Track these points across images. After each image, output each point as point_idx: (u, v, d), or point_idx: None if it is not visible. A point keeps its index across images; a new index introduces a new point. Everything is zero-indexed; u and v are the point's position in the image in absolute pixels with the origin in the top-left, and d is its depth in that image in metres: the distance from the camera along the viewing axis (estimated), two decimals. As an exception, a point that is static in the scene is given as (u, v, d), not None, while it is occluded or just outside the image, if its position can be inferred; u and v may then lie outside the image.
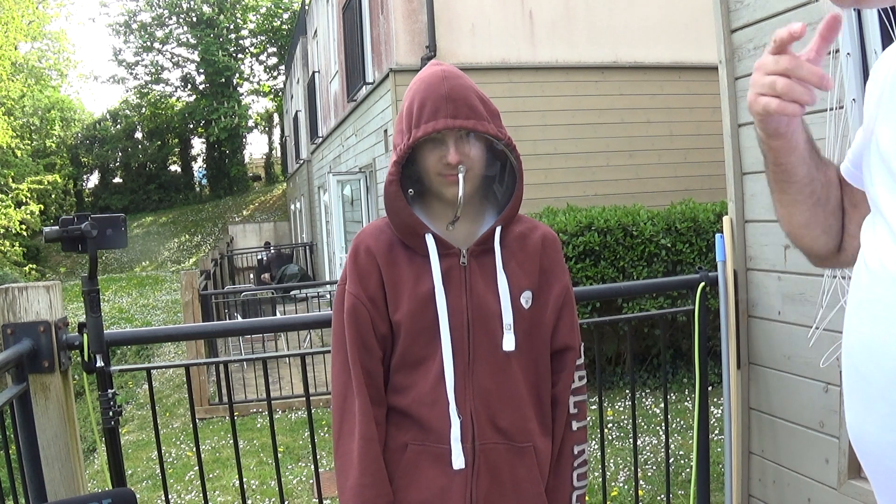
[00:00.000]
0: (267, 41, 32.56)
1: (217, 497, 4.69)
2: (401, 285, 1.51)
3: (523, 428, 1.52)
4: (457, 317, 1.49)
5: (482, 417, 1.49)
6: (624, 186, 7.66)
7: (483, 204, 1.60)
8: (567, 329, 1.59)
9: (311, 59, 16.42)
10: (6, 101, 24.54)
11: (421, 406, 1.49)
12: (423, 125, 1.47)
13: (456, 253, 1.53)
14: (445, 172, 1.49)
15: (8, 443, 2.06)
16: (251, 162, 34.79)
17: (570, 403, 1.58)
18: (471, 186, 1.52)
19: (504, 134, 1.52)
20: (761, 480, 2.72)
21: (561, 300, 1.58)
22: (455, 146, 1.48)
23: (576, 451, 1.59)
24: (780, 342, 2.57)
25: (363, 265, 1.53)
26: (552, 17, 7.88)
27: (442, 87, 1.49)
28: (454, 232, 1.55)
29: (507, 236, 1.56)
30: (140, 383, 9.74)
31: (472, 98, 1.50)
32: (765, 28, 2.52)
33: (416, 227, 1.52)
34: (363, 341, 1.51)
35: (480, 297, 1.51)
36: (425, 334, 1.49)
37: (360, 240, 1.57)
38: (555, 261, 1.60)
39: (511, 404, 1.51)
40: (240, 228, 23.50)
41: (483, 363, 1.50)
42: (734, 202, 2.73)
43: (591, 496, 4.05)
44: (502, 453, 1.51)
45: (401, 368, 1.52)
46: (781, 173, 1.08)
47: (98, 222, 1.96)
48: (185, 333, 3.52)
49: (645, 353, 6.16)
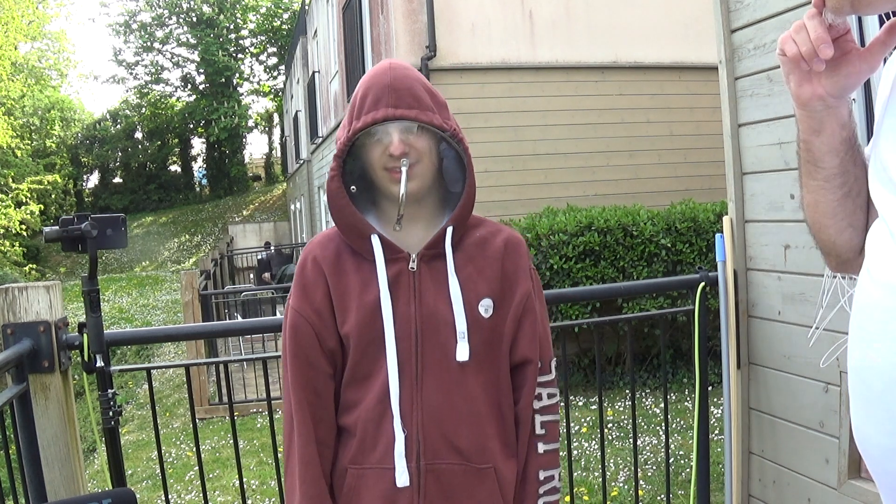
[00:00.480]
0: (267, 41, 32.56)
1: (217, 497, 4.69)
2: (348, 295, 1.42)
3: (482, 447, 1.41)
4: (404, 326, 1.39)
5: (433, 435, 1.38)
6: (624, 186, 7.66)
7: (439, 209, 1.49)
8: (527, 340, 1.46)
9: (311, 59, 16.43)
10: (6, 101, 24.54)
11: (367, 423, 1.40)
12: (364, 116, 1.38)
13: (405, 257, 1.42)
14: (389, 166, 1.40)
15: (8, 443, 2.06)
16: (251, 162, 34.79)
17: (535, 423, 1.46)
18: (419, 183, 1.42)
19: (450, 125, 1.42)
20: (761, 480, 2.72)
21: (521, 308, 1.46)
22: (399, 138, 1.38)
23: (542, 477, 1.46)
24: (780, 342, 2.57)
25: (309, 277, 1.44)
26: (552, 17, 7.88)
27: (385, 76, 1.40)
28: (406, 236, 1.45)
29: (465, 240, 1.46)
30: (140, 383, 9.75)
31: (417, 88, 1.41)
32: (765, 28, 2.52)
33: (360, 228, 1.42)
34: (306, 358, 1.41)
35: (431, 304, 1.40)
36: (374, 346, 1.40)
37: (308, 250, 1.48)
38: (518, 266, 1.48)
39: (468, 421, 1.40)
40: (240, 228, 23.49)
41: (433, 376, 1.39)
42: (734, 202, 2.73)
43: (592, 496, 4.05)
44: (458, 475, 1.39)
45: (350, 384, 1.43)
46: (807, 153, 1.02)
47: (98, 222, 1.95)
48: (185, 333, 3.52)
49: (645, 353, 6.16)
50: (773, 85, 2.51)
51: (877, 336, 0.84)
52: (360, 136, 1.39)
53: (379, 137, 1.39)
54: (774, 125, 2.52)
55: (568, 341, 6.14)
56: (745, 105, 2.66)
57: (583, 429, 5.12)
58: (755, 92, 2.60)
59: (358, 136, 1.39)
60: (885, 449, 0.84)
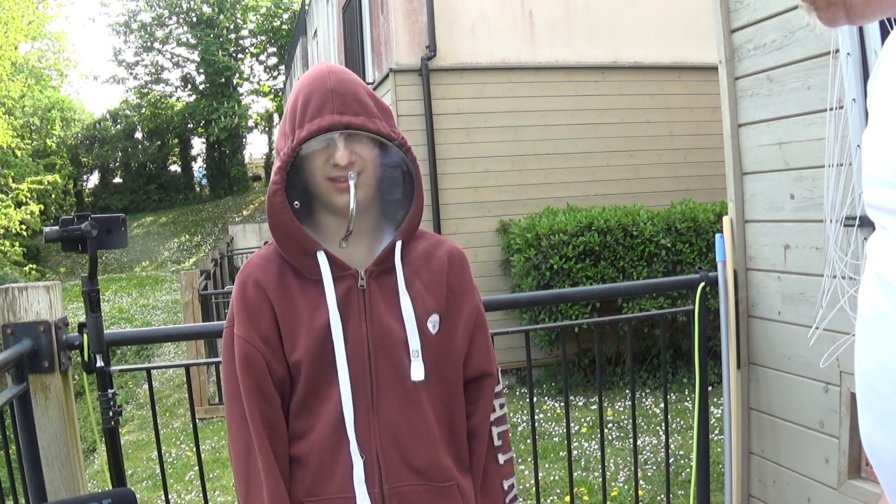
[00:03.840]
0: (267, 41, 32.57)
1: (217, 497, 4.69)
2: (296, 320, 1.33)
3: (439, 466, 1.36)
4: (356, 348, 1.32)
5: (392, 457, 1.33)
6: (624, 186, 7.66)
7: (381, 221, 1.42)
8: (482, 353, 1.44)
9: (311, 59, 16.43)
10: (6, 101, 24.54)
11: (322, 453, 1.32)
12: (308, 124, 1.29)
13: (353, 274, 1.35)
14: (334, 176, 1.32)
15: (8, 443, 2.06)
16: (251, 162, 34.78)
17: (493, 435, 1.43)
18: (364, 193, 1.34)
19: (398, 133, 1.36)
20: (761, 480, 2.72)
21: (472, 323, 1.43)
22: (344, 146, 1.31)
23: (506, 486, 1.44)
24: (780, 342, 2.57)
25: (252, 302, 1.34)
26: (552, 17, 7.88)
27: (328, 81, 1.32)
28: (350, 252, 1.37)
29: (409, 253, 1.39)
30: (140, 383, 9.75)
31: (361, 93, 1.33)
32: (765, 28, 2.52)
33: (305, 245, 1.33)
34: (260, 390, 1.32)
35: (382, 323, 1.34)
36: (325, 372, 1.32)
37: (246, 273, 1.38)
38: (463, 279, 1.44)
39: (424, 440, 1.35)
40: (240, 228, 23.48)
41: (389, 396, 1.33)
42: (734, 202, 2.73)
43: (592, 496, 4.05)
44: (422, 495, 1.34)
45: (300, 413, 1.35)
46: None
47: (98, 222, 1.95)
48: (185, 333, 3.52)
49: (645, 353, 6.16)
50: (773, 85, 2.51)
51: (887, 343, 0.84)
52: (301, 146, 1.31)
53: (321, 146, 1.32)
54: (774, 125, 2.52)
55: (568, 341, 6.14)
56: (745, 105, 2.66)
57: (583, 429, 5.12)
58: (755, 92, 2.60)
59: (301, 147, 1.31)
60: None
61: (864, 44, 2.19)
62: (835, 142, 2.21)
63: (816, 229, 2.36)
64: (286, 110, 1.36)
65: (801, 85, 2.39)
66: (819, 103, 2.30)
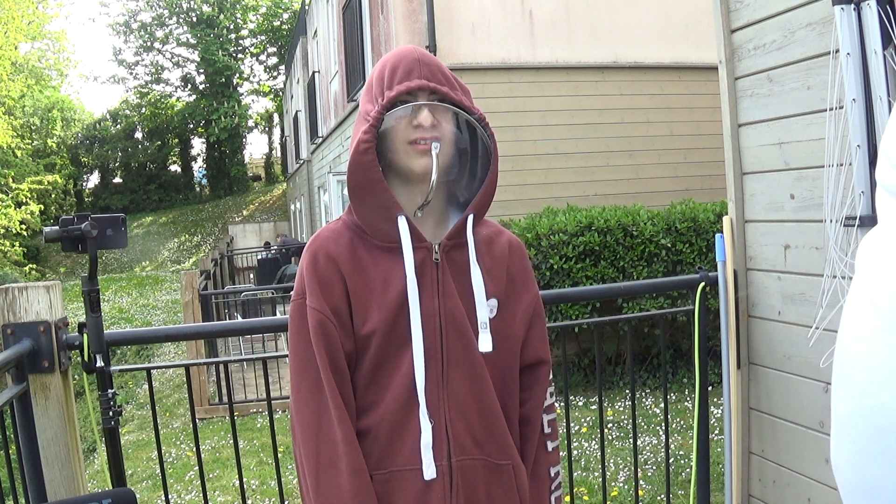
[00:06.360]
0: (267, 41, 32.59)
1: (217, 497, 4.69)
2: (368, 292, 1.33)
3: (502, 443, 1.37)
4: (429, 319, 1.33)
5: (460, 430, 1.33)
6: (624, 186, 7.66)
7: (446, 203, 1.43)
8: (540, 341, 1.46)
9: (311, 59, 16.43)
10: (6, 101, 24.55)
11: (392, 425, 1.32)
12: (397, 86, 1.31)
13: (428, 247, 1.35)
14: (415, 137, 1.32)
15: (8, 443, 2.06)
16: (251, 162, 34.82)
17: (543, 422, 1.46)
18: (442, 166, 1.34)
19: (477, 109, 1.37)
20: (761, 480, 2.72)
21: (532, 310, 1.45)
22: (430, 110, 1.32)
23: (552, 474, 1.46)
24: (780, 342, 2.57)
25: (324, 274, 1.33)
26: (552, 17, 7.88)
27: (413, 53, 1.35)
28: (420, 226, 1.37)
29: (475, 236, 1.39)
30: (140, 383, 9.75)
31: (445, 69, 1.37)
32: (765, 28, 2.52)
33: (389, 207, 1.32)
34: (334, 362, 1.32)
35: (452, 298, 1.35)
36: (396, 344, 1.32)
37: (317, 245, 1.37)
38: (523, 269, 1.47)
39: (488, 416, 1.36)
40: (240, 228, 23.52)
41: (458, 370, 1.34)
42: (734, 202, 2.73)
43: (592, 496, 4.05)
44: (479, 471, 1.35)
45: (368, 387, 1.34)
46: None
47: (98, 222, 1.95)
48: (185, 333, 3.51)
49: (645, 353, 6.16)
50: (773, 85, 2.51)
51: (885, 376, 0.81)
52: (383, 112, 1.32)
53: (406, 113, 1.32)
54: (774, 125, 2.52)
55: (568, 341, 6.13)
56: (745, 105, 2.66)
57: (583, 429, 5.12)
58: (755, 92, 2.60)
59: (392, 105, 1.32)
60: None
61: (864, 44, 2.19)
62: (835, 142, 2.21)
63: (816, 229, 2.36)
64: (371, 79, 1.38)
65: (801, 85, 2.39)
66: (819, 103, 2.30)
